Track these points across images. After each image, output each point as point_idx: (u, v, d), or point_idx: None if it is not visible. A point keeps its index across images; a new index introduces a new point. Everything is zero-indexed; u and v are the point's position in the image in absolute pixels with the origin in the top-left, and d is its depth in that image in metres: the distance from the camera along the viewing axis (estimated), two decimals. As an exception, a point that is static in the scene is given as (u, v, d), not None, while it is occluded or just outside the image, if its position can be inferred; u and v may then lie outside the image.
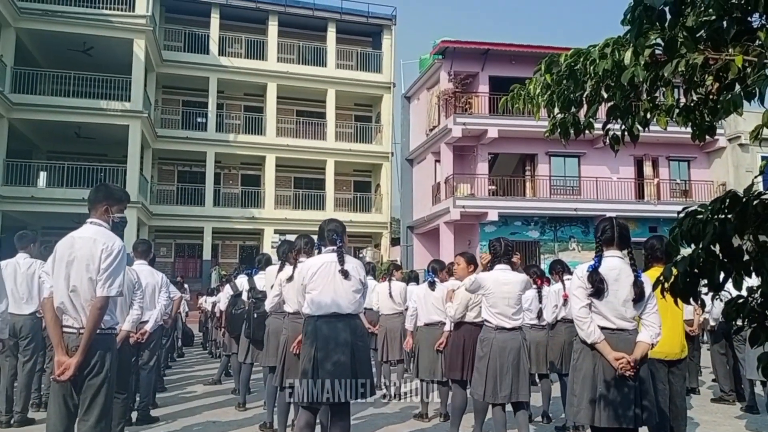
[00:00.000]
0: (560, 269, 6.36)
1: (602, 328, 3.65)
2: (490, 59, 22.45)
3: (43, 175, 22.41)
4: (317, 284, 4.09)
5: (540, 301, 6.27)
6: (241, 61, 25.90)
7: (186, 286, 15.22)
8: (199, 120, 25.87)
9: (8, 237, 5.52)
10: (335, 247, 4.17)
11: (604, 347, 3.58)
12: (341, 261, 4.11)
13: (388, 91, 27.66)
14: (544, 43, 22.32)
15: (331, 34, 26.99)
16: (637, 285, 3.66)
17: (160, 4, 25.01)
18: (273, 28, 26.26)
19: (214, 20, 25.59)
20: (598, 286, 3.60)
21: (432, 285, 6.54)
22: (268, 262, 6.96)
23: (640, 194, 23.14)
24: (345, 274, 4.07)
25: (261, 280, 6.34)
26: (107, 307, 3.36)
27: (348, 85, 27.01)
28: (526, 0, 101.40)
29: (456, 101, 22.32)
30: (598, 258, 3.70)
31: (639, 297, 3.63)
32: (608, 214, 21.77)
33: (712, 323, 8.21)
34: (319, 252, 4.37)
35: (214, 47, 25.47)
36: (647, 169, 23.43)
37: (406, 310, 8.09)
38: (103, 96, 21.64)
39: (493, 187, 22.58)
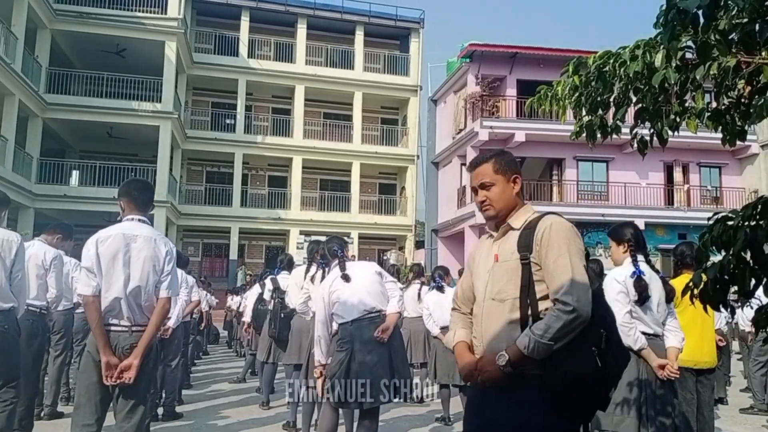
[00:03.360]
0: (597, 271, 6.14)
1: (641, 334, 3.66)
2: (518, 63, 22.31)
3: (75, 174, 22.88)
4: (335, 296, 4.17)
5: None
6: (269, 64, 26.13)
7: (204, 285, 15.38)
8: (227, 121, 26.17)
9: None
10: (338, 261, 4.29)
11: (649, 354, 3.58)
12: (342, 268, 4.21)
13: (414, 94, 27.66)
14: (573, 47, 22.08)
15: (359, 37, 27.08)
16: (666, 285, 3.71)
17: (191, 7, 25.37)
18: (302, 30, 26.45)
19: (244, 23, 25.87)
20: (644, 295, 3.61)
21: (441, 290, 6.58)
22: (291, 262, 7.02)
23: (669, 200, 22.77)
24: (345, 278, 4.15)
25: (284, 280, 6.38)
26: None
27: (375, 88, 27.06)
28: (555, 4, 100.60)
29: (483, 105, 22.23)
30: (638, 264, 3.70)
31: (669, 298, 3.67)
32: (637, 221, 21.50)
33: (747, 329, 8.05)
34: (324, 273, 4.50)
35: (243, 50, 25.74)
36: (677, 175, 23.05)
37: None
38: (135, 97, 22.02)
39: (520, 191, 22.39)
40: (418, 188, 27.84)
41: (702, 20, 2.05)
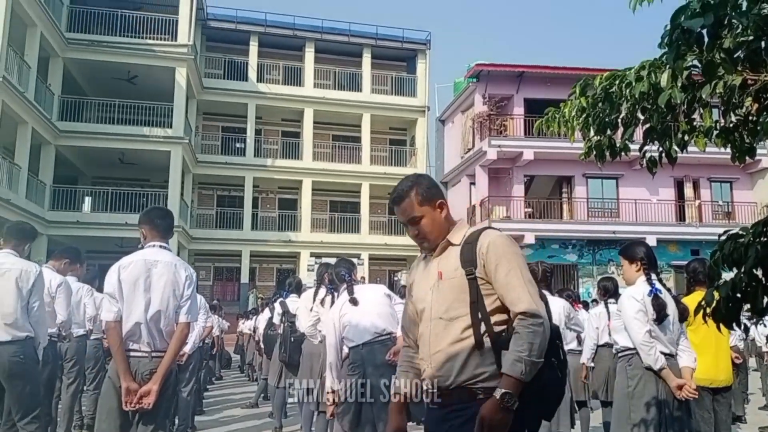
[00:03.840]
0: (611, 290, 6.07)
1: None
2: (524, 81, 22.42)
3: (88, 200, 23.08)
4: (345, 319, 4.18)
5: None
6: (278, 88, 26.40)
7: (216, 309, 15.37)
8: (237, 145, 26.37)
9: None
10: (346, 285, 4.32)
11: (669, 374, 3.56)
12: (350, 291, 4.24)
13: (422, 114, 27.80)
14: (580, 65, 22.19)
15: (366, 59, 27.32)
16: (679, 305, 3.69)
17: (201, 33, 25.73)
18: (309, 54, 26.73)
19: (253, 48, 26.18)
20: (663, 314, 3.59)
21: None
22: (299, 284, 7.05)
23: (681, 216, 22.64)
24: (354, 302, 4.18)
25: (293, 303, 6.38)
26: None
27: (383, 110, 27.24)
28: (560, 21, 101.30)
29: (491, 124, 22.30)
30: (653, 283, 3.69)
31: (682, 317, 3.65)
32: (648, 237, 21.34)
33: (765, 348, 7.95)
34: (334, 297, 4.56)
35: (252, 74, 26.03)
36: (688, 191, 22.94)
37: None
38: (146, 123, 22.27)
39: (530, 210, 22.36)
40: (428, 208, 27.78)
41: (706, 39, 2.06)
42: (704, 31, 2.00)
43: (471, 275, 2.09)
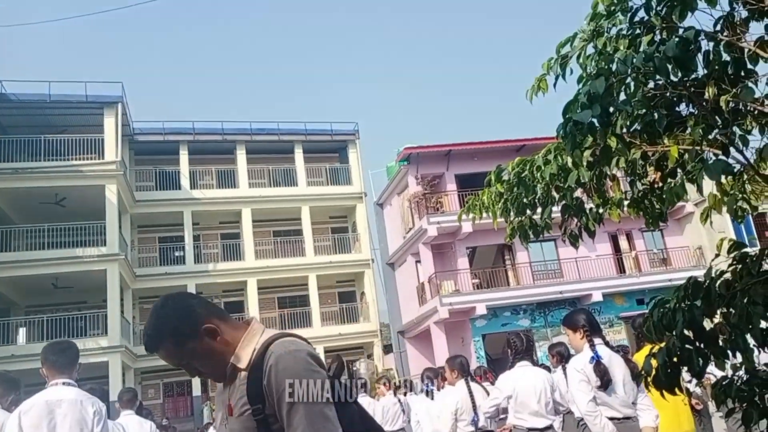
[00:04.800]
0: (566, 354, 6.06)
1: (609, 419, 3.60)
2: (453, 159, 23.20)
3: (22, 331, 21.91)
4: None
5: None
6: (213, 192, 26.34)
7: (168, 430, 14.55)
8: (176, 254, 25.84)
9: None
10: None
11: None
12: None
13: (360, 200, 28.17)
14: (503, 137, 23.30)
15: (299, 154, 27.73)
16: (629, 363, 3.72)
17: (129, 148, 25.62)
18: (241, 156, 26.93)
19: (183, 156, 26.16)
20: (606, 379, 3.59)
21: (429, 394, 6.41)
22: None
23: (621, 268, 23.31)
24: None
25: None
26: None
27: (321, 200, 27.50)
28: (478, 100, 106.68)
29: (426, 202, 22.79)
30: (595, 349, 3.71)
31: (635, 375, 3.67)
32: (593, 293, 21.65)
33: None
34: None
35: (185, 182, 25.92)
36: (623, 243, 23.76)
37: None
38: (79, 244, 21.64)
39: (477, 281, 22.59)
40: (378, 291, 27.76)
41: (599, 126, 2.20)
42: (595, 120, 2.14)
43: (259, 415, 1.68)
